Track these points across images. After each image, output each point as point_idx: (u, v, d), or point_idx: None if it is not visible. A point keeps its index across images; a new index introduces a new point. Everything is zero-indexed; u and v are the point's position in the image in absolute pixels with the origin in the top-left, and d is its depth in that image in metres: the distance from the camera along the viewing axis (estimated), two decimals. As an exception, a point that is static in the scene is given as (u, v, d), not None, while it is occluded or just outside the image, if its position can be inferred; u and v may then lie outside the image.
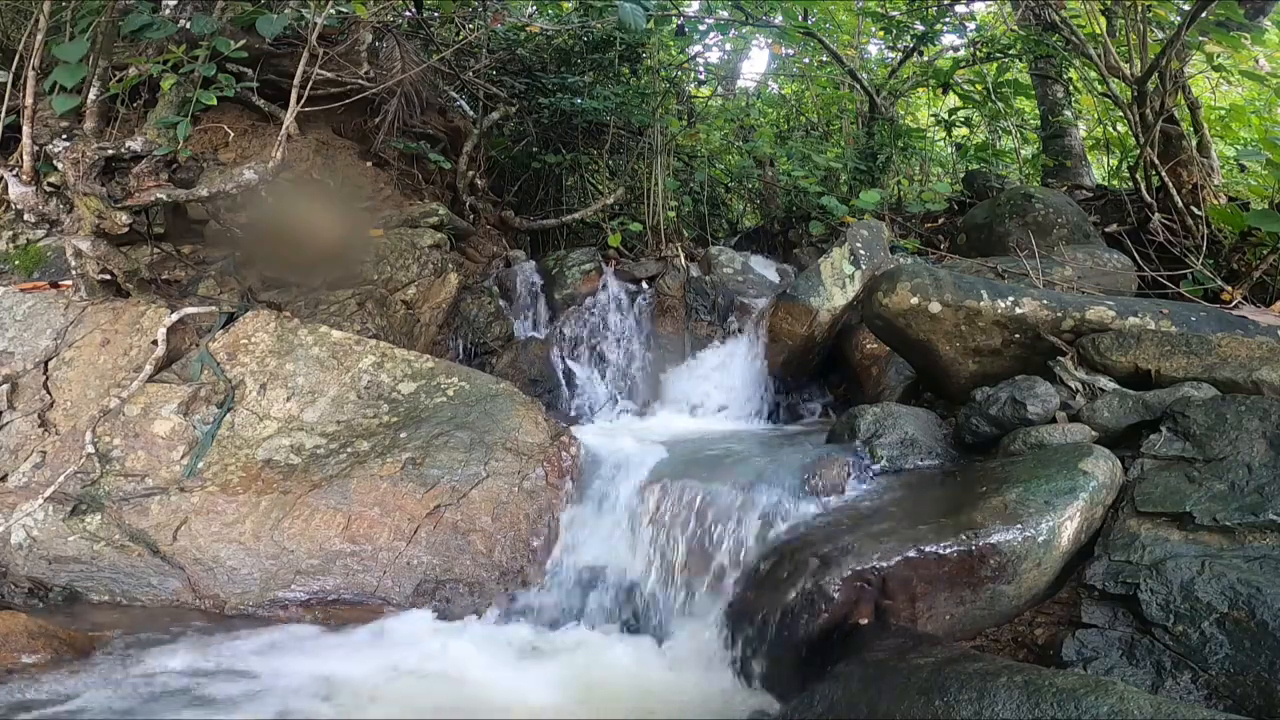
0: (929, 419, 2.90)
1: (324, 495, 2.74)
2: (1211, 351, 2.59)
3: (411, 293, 4.15)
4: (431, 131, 5.05)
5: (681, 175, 6.45)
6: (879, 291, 3.16)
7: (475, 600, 2.58)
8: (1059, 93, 6.75)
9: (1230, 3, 4.03)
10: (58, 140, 3.29)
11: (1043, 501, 2.08)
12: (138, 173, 3.36)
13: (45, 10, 3.26)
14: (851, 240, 4.10)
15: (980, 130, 7.37)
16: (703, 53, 7.81)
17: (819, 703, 1.77)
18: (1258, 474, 2.09)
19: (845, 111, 7.41)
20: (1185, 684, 1.72)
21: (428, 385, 3.10)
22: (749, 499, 2.52)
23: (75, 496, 2.76)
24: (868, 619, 1.98)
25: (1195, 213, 4.40)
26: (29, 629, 2.21)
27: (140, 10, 3.56)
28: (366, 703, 2.09)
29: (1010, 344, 3.01)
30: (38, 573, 2.64)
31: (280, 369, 3.12)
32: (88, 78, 3.52)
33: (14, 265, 3.85)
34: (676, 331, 4.68)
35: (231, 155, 4.11)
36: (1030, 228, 4.75)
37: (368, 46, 4.48)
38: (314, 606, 2.57)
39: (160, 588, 2.61)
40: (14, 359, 3.15)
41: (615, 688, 2.20)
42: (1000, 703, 1.48)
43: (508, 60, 6.05)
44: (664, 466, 2.88)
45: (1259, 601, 1.75)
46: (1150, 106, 4.50)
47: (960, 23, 6.60)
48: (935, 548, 1.99)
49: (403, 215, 4.53)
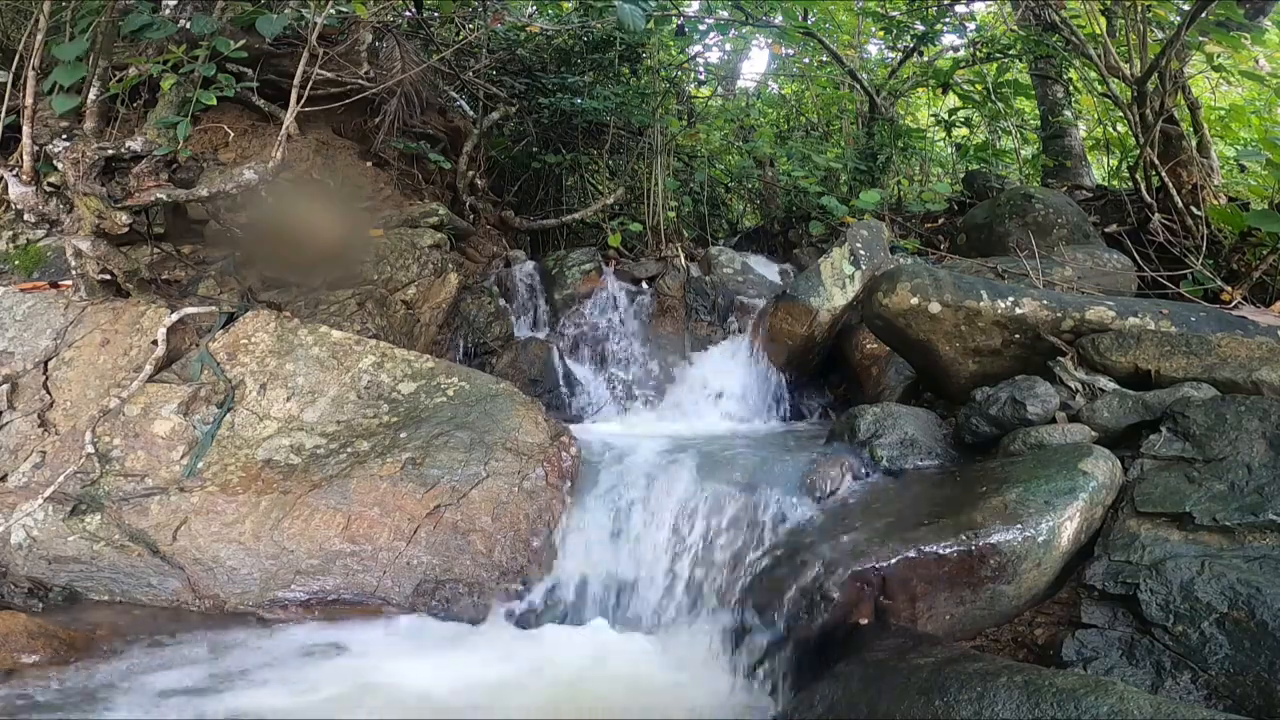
0: (929, 419, 2.90)
1: (324, 495, 2.73)
2: (1211, 352, 2.59)
3: (411, 293, 4.15)
4: (431, 131, 5.05)
5: (681, 175, 6.45)
6: (879, 291, 3.16)
7: (475, 600, 2.58)
8: (1059, 93, 6.75)
9: (1230, 3, 4.04)
10: (58, 140, 3.29)
11: (1043, 502, 2.08)
12: (138, 173, 3.36)
13: (45, 10, 3.26)
14: (851, 240, 4.10)
15: (980, 130, 7.38)
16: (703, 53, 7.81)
17: (819, 703, 1.77)
18: (1257, 474, 2.09)
19: (845, 111, 7.41)
20: (1185, 684, 1.73)
21: (428, 385, 3.10)
22: (749, 499, 2.52)
23: (75, 496, 2.76)
24: (868, 619, 1.98)
25: (1195, 213, 4.40)
26: (29, 629, 2.21)
27: (140, 10, 3.56)
28: (368, 701, 2.09)
29: (1010, 344, 3.01)
30: (37, 573, 2.64)
31: (280, 369, 3.12)
32: (88, 78, 3.52)
33: (14, 265, 3.85)
34: (676, 332, 4.68)
35: (231, 155, 4.11)
36: (1030, 228, 4.76)
37: (368, 46, 4.48)
38: (314, 606, 2.57)
39: (160, 588, 2.61)
40: (14, 359, 3.15)
41: (615, 687, 2.20)
42: (1000, 703, 1.48)
43: (508, 60, 6.05)
44: (664, 467, 2.88)
45: (1259, 601, 1.75)
46: (1150, 107, 4.50)
47: (960, 23, 6.60)
48: (935, 548, 1.99)
49: (403, 215, 4.53)
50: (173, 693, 2.06)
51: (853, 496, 2.55)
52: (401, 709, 2.07)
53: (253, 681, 2.15)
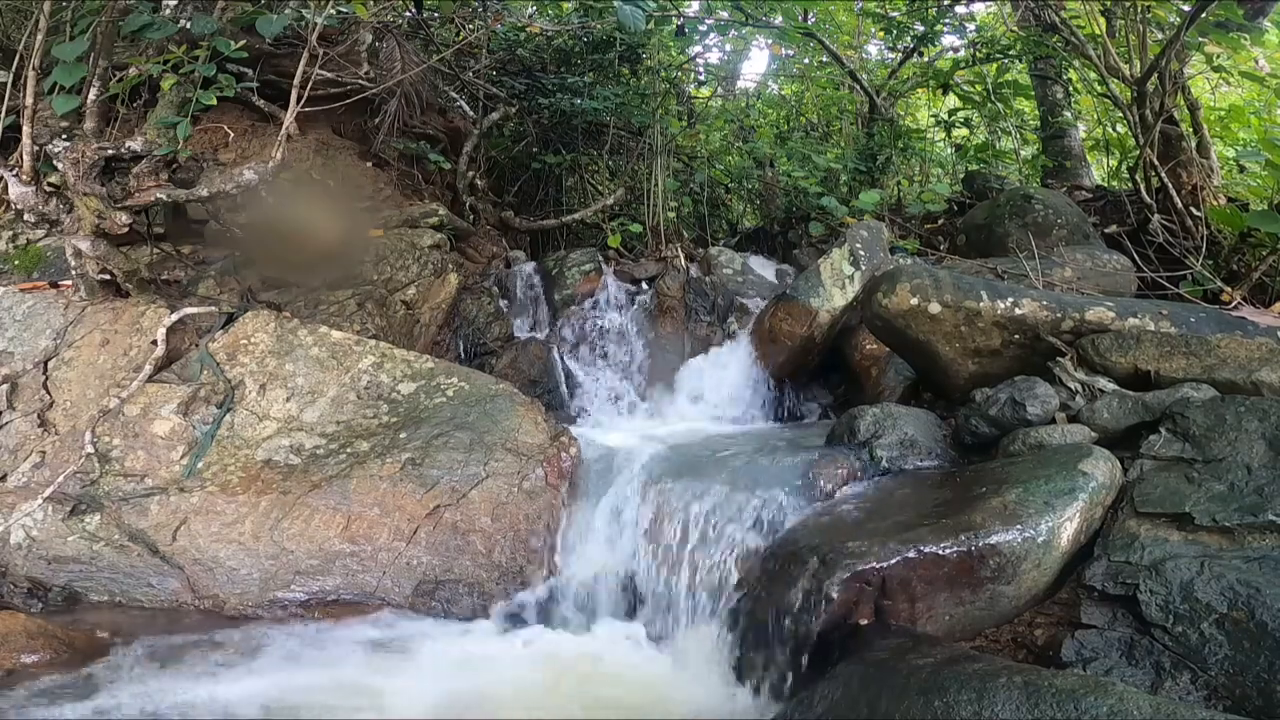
0: (929, 420, 2.90)
1: (324, 495, 2.73)
2: (1211, 352, 2.59)
3: (411, 293, 4.15)
4: (431, 132, 5.05)
5: (681, 176, 6.44)
6: (879, 292, 3.16)
7: (475, 600, 2.58)
8: (1059, 93, 6.75)
9: (1230, 3, 4.04)
10: (58, 140, 3.29)
11: (1042, 502, 2.08)
12: (138, 173, 3.36)
13: (45, 10, 3.26)
14: (851, 241, 4.10)
15: (980, 131, 7.37)
16: (703, 53, 7.81)
17: (819, 703, 1.77)
18: (1257, 475, 2.09)
19: (845, 112, 7.41)
20: (1185, 684, 1.72)
21: (427, 385, 3.10)
22: (749, 499, 2.52)
23: (75, 496, 2.76)
24: (868, 619, 1.98)
25: (1195, 213, 4.40)
26: (28, 629, 2.21)
27: (140, 10, 3.56)
28: (369, 701, 2.09)
29: (1010, 345, 3.01)
30: (37, 573, 2.64)
31: (280, 369, 3.12)
32: (88, 78, 3.52)
33: (14, 265, 3.85)
34: (676, 332, 4.67)
35: (231, 155, 4.11)
36: (1030, 228, 4.75)
37: (368, 47, 4.48)
38: (314, 607, 2.57)
39: (159, 588, 2.61)
40: (14, 359, 3.15)
41: (615, 687, 2.20)
42: (1000, 703, 1.48)
43: (508, 60, 6.05)
44: (664, 467, 2.88)
45: (1258, 602, 1.75)
46: (1150, 107, 4.50)
47: (960, 23, 6.60)
48: (935, 548, 1.99)
49: (403, 215, 4.53)
50: (172, 692, 2.06)
51: (852, 497, 2.55)
52: (402, 709, 2.07)
53: (252, 681, 2.15)
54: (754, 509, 2.49)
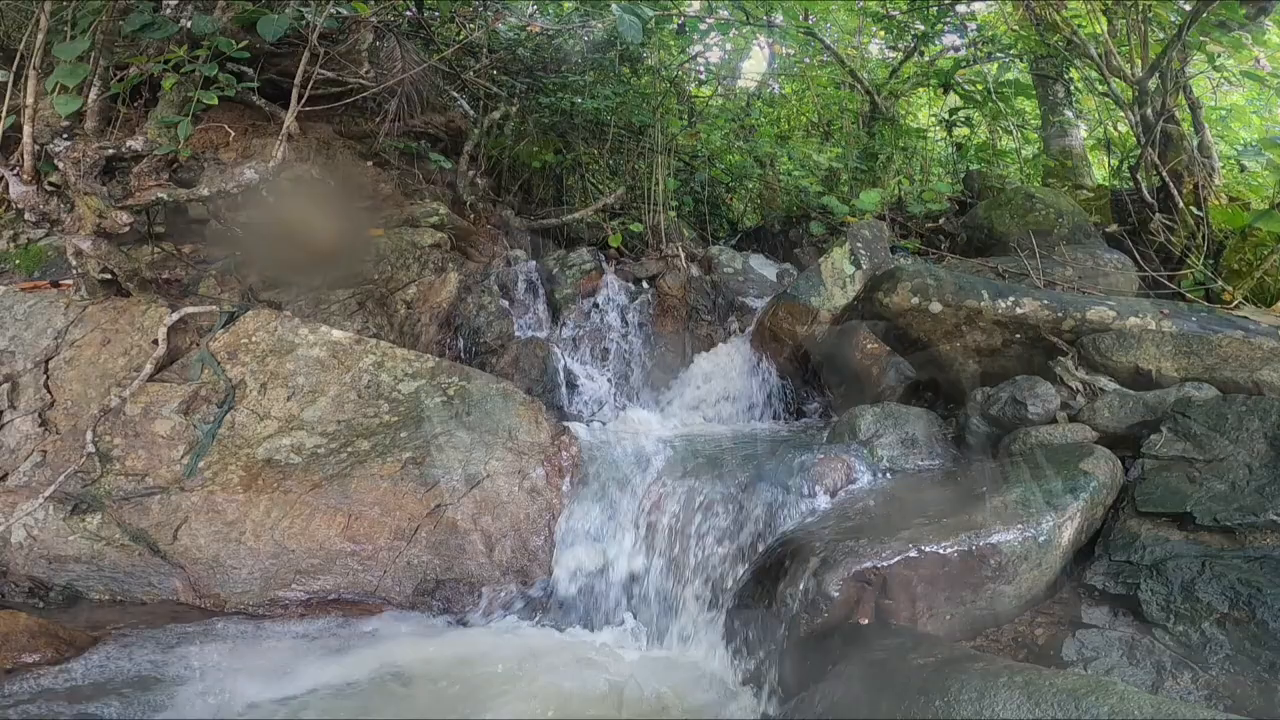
0: (929, 419, 2.90)
1: (324, 495, 2.74)
2: (1212, 352, 2.59)
3: (412, 292, 4.15)
4: (432, 131, 5.05)
5: (682, 175, 6.44)
6: (879, 291, 3.16)
7: (475, 599, 2.58)
8: (1060, 93, 6.74)
9: (1231, 3, 4.03)
10: (59, 140, 3.29)
11: (1043, 501, 2.08)
12: (138, 172, 3.36)
13: (46, 10, 3.26)
14: (852, 240, 4.10)
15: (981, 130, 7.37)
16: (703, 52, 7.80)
17: (819, 702, 1.77)
18: (1258, 474, 2.09)
19: (846, 111, 7.41)
20: (1186, 684, 1.72)
21: (428, 385, 3.10)
22: (749, 499, 2.52)
23: (76, 496, 2.76)
24: (868, 619, 1.98)
25: (1196, 213, 4.39)
26: (29, 628, 2.21)
27: (141, 10, 3.56)
28: (368, 701, 2.09)
29: (1011, 344, 3.01)
30: (38, 572, 2.64)
31: (280, 368, 3.12)
32: (89, 77, 3.52)
33: (15, 264, 3.85)
34: (677, 331, 4.67)
35: (232, 155, 4.11)
36: (1030, 228, 4.75)
37: (368, 46, 4.48)
38: (314, 606, 2.57)
39: (160, 587, 2.62)
40: (14, 358, 3.15)
41: (616, 686, 2.19)
42: (1000, 703, 1.48)
43: (508, 60, 6.05)
44: (664, 466, 2.88)
45: (1259, 601, 1.75)
46: (1151, 106, 4.50)
47: (961, 22, 6.60)
48: (935, 548, 1.99)
49: (403, 215, 4.53)
50: (172, 692, 2.06)
51: (853, 496, 2.55)
52: (402, 708, 2.07)
53: (252, 681, 2.15)
54: (754, 508, 2.49)
